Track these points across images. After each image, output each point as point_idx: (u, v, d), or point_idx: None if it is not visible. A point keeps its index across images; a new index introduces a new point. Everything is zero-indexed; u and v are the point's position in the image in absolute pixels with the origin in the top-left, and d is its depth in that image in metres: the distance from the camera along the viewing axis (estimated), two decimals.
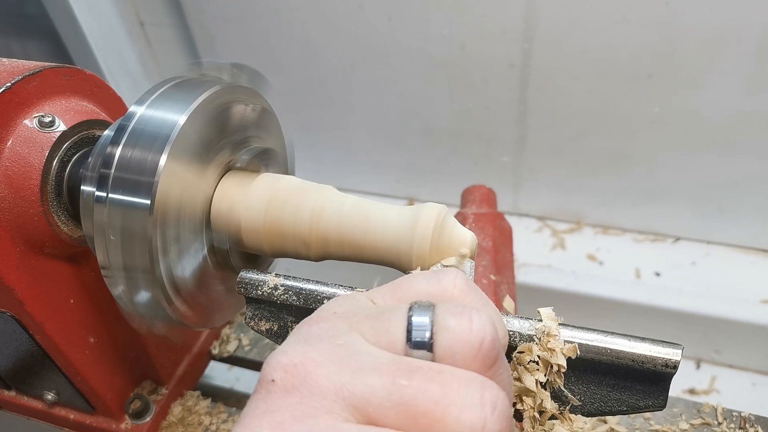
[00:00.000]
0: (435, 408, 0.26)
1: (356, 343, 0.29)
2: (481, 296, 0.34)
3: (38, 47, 1.37)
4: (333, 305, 0.33)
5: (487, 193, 0.90)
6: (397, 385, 0.26)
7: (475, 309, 0.29)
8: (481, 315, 0.29)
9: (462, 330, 0.28)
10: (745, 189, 1.07)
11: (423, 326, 0.29)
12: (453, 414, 0.26)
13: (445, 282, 0.33)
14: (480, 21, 1.03)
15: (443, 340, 0.28)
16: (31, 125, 0.51)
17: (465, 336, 0.28)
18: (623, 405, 0.39)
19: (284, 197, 0.48)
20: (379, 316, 0.30)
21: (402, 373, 0.27)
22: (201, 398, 0.73)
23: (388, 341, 0.29)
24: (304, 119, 1.32)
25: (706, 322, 1.05)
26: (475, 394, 0.26)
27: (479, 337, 0.28)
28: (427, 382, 0.26)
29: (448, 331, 0.28)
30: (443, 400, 0.26)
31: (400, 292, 0.33)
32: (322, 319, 0.32)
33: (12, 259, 0.51)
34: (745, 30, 0.90)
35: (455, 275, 0.33)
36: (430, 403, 0.26)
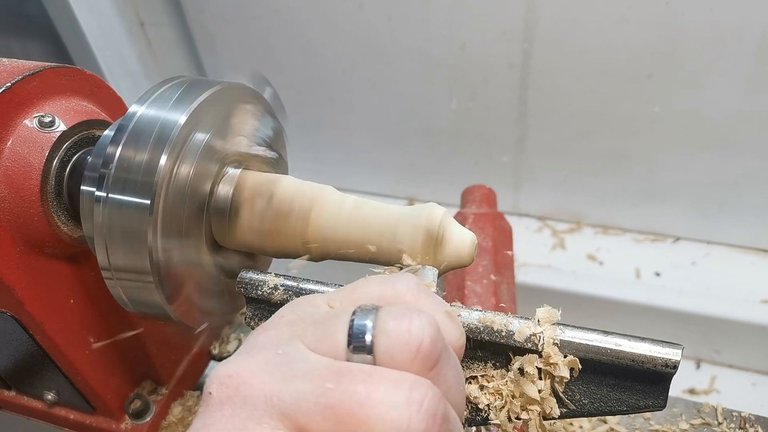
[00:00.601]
0: (360, 409, 0.26)
1: (296, 350, 0.29)
2: (433, 299, 0.34)
3: (38, 47, 1.37)
4: (286, 310, 0.34)
5: (487, 193, 0.90)
6: (323, 389, 0.27)
7: (417, 311, 0.29)
8: (421, 317, 0.29)
9: (401, 332, 0.28)
10: (745, 189, 1.07)
11: (363, 329, 0.29)
12: (378, 414, 0.26)
13: (398, 286, 0.33)
14: (480, 21, 1.03)
15: (382, 343, 0.28)
16: (31, 125, 0.51)
17: (404, 338, 0.28)
18: (623, 405, 0.39)
19: (284, 197, 0.48)
20: (325, 321, 0.31)
21: (331, 377, 0.27)
22: (201, 398, 0.73)
23: (330, 346, 0.29)
24: (304, 119, 1.32)
25: (706, 322, 1.05)
26: (402, 393, 0.26)
27: (418, 339, 0.28)
28: (354, 385, 0.27)
29: (387, 334, 0.28)
30: (368, 401, 0.26)
31: (355, 296, 0.33)
32: (271, 326, 0.32)
33: (12, 259, 0.51)
34: (745, 30, 0.90)
35: (408, 279, 0.34)
36: (355, 405, 0.26)
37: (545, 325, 0.39)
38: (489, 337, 0.40)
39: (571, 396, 0.40)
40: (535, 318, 0.40)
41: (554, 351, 0.38)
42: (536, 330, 0.39)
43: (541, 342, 0.39)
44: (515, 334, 0.39)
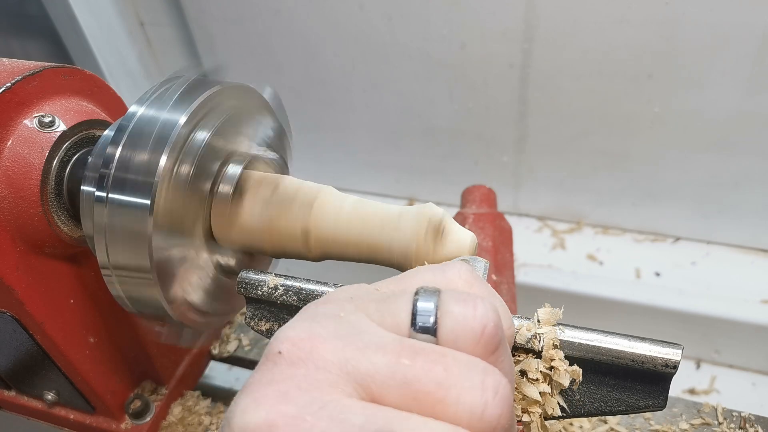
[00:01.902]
0: (437, 389, 0.26)
1: (362, 322, 0.29)
2: (486, 287, 0.34)
3: (38, 47, 1.37)
4: (340, 291, 0.33)
5: (487, 193, 0.90)
6: (401, 365, 0.26)
7: (479, 297, 0.29)
8: (485, 302, 0.29)
9: (466, 316, 0.28)
10: (745, 189, 1.07)
11: (428, 311, 0.29)
12: (454, 395, 0.26)
13: (450, 273, 0.33)
14: (480, 21, 1.03)
15: (447, 324, 0.28)
16: (31, 125, 0.51)
17: (468, 322, 0.28)
18: (623, 405, 0.39)
19: (284, 197, 0.48)
20: (385, 299, 0.31)
21: (406, 354, 0.27)
22: (201, 398, 0.73)
23: (393, 323, 0.29)
24: (304, 119, 1.31)
25: (706, 322, 1.05)
26: (477, 377, 0.27)
27: (482, 324, 0.28)
28: (430, 364, 0.27)
29: (452, 316, 0.28)
30: (446, 381, 0.26)
31: (405, 283, 0.33)
32: (330, 300, 0.32)
33: (12, 259, 0.51)
34: (745, 30, 0.90)
35: (460, 267, 0.34)
36: (432, 383, 0.26)
37: (545, 327, 0.39)
38: None
39: (571, 396, 0.40)
40: (535, 318, 0.40)
41: (559, 355, 0.38)
42: (537, 330, 0.39)
43: (541, 343, 0.39)
44: (515, 334, 0.39)
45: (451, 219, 0.45)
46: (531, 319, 0.40)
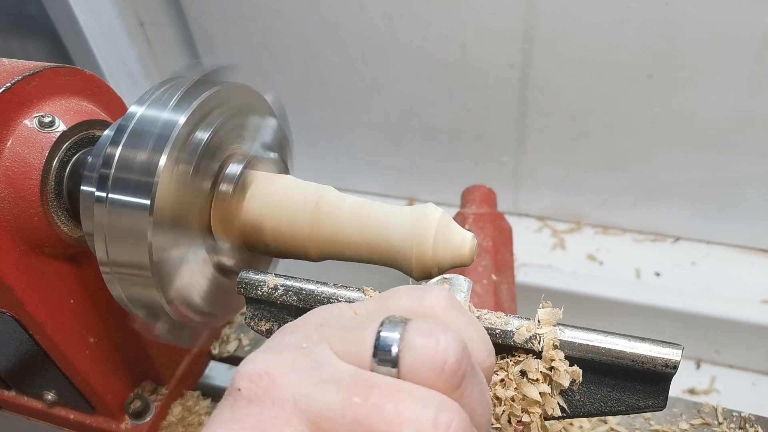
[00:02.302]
0: (387, 428, 0.26)
1: (324, 355, 0.29)
2: (464, 316, 0.33)
3: (38, 47, 1.37)
4: (312, 314, 0.33)
5: (487, 193, 0.90)
6: (352, 403, 0.27)
7: (445, 328, 0.29)
8: (448, 335, 0.28)
9: (427, 348, 0.28)
10: (745, 189, 1.07)
11: (390, 342, 0.29)
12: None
13: (428, 300, 0.33)
14: (480, 21, 1.03)
15: (408, 357, 0.28)
16: (31, 125, 0.51)
17: (430, 354, 0.28)
18: (623, 405, 0.39)
19: (284, 197, 0.48)
20: (352, 328, 0.31)
21: (359, 390, 0.27)
22: (201, 398, 0.73)
23: (356, 354, 0.29)
24: (304, 119, 1.31)
25: (706, 322, 1.05)
26: (429, 414, 0.26)
27: (443, 357, 0.28)
28: (382, 401, 0.27)
29: (414, 349, 0.28)
30: (395, 419, 0.26)
31: (384, 306, 0.33)
32: (297, 327, 0.32)
33: (12, 259, 0.51)
34: (745, 30, 0.90)
35: (440, 293, 0.33)
36: (382, 423, 0.26)
37: (545, 327, 0.39)
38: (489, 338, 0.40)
39: (571, 396, 0.40)
40: (535, 318, 0.40)
41: (559, 356, 0.38)
42: (537, 331, 0.39)
43: (541, 343, 0.39)
44: (515, 334, 0.39)
45: (450, 219, 0.45)
46: (531, 319, 0.40)
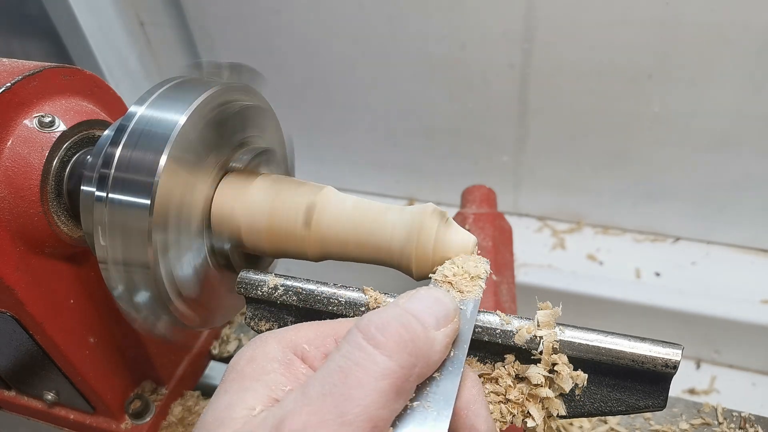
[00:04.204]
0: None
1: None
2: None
3: (38, 47, 1.37)
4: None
5: (487, 193, 0.90)
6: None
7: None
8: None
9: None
10: (745, 189, 1.07)
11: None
12: None
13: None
14: (480, 21, 1.03)
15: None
16: (31, 125, 0.51)
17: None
18: (623, 405, 0.39)
19: (284, 197, 0.48)
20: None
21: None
22: (201, 398, 0.73)
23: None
24: (304, 119, 1.31)
25: (706, 322, 1.05)
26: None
27: None
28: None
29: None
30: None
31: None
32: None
33: (12, 259, 0.51)
34: (745, 30, 0.90)
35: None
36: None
37: (545, 329, 0.39)
38: (489, 338, 0.40)
39: (571, 396, 0.40)
40: (535, 320, 0.40)
41: (563, 360, 0.38)
42: (537, 332, 0.39)
43: (540, 346, 0.39)
44: (515, 335, 0.40)
45: (451, 220, 0.45)
46: (531, 319, 0.40)
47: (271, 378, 0.34)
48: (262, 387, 0.33)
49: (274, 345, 0.36)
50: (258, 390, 0.33)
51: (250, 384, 0.33)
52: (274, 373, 0.34)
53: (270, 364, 0.35)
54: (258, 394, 0.33)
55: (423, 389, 0.33)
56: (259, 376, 0.34)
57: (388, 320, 0.32)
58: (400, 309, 0.34)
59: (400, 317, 0.33)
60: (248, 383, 0.34)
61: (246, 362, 0.35)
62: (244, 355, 0.36)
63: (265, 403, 0.32)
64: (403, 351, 0.31)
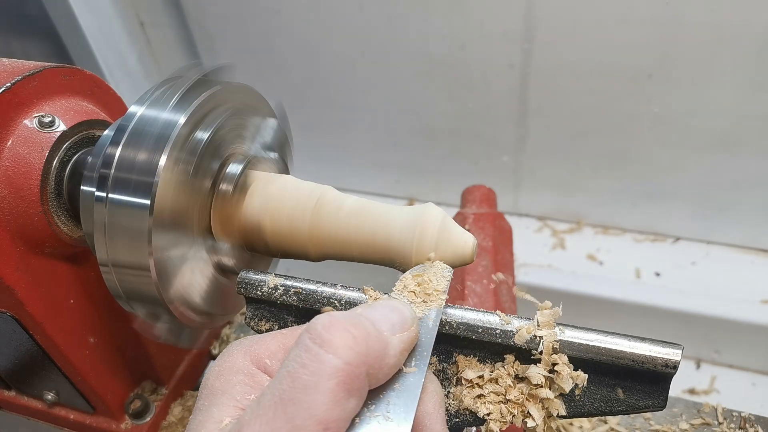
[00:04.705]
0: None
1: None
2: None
3: (38, 47, 1.37)
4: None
5: (487, 193, 0.90)
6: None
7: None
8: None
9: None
10: (745, 189, 1.07)
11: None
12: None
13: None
14: (480, 21, 1.03)
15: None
16: (31, 125, 0.51)
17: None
18: (623, 405, 0.39)
19: (284, 197, 0.48)
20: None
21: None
22: None
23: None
24: (304, 119, 1.31)
25: (706, 322, 1.05)
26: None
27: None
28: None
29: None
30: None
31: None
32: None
33: (12, 259, 0.51)
34: (745, 30, 0.90)
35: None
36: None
37: (545, 329, 0.39)
38: (489, 338, 0.40)
39: (571, 396, 0.40)
40: (535, 320, 0.40)
41: (563, 360, 0.38)
42: (537, 333, 0.39)
43: (541, 345, 0.39)
44: (516, 336, 0.39)
45: (451, 220, 0.45)
46: (531, 319, 0.40)
47: (237, 390, 0.34)
48: (228, 399, 0.33)
49: (239, 357, 0.36)
50: (225, 403, 0.33)
51: (219, 398, 0.34)
52: (240, 384, 0.34)
53: (236, 376, 0.35)
54: (225, 407, 0.33)
55: (383, 399, 0.33)
56: (226, 390, 0.34)
57: (336, 319, 0.31)
58: (354, 312, 0.34)
59: (351, 317, 0.32)
60: (217, 398, 0.34)
61: (215, 377, 0.35)
62: (213, 371, 0.36)
63: (232, 414, 0.33)
64: (350, 348, 0.30)
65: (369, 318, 0.33)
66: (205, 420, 0.33)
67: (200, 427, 0.33)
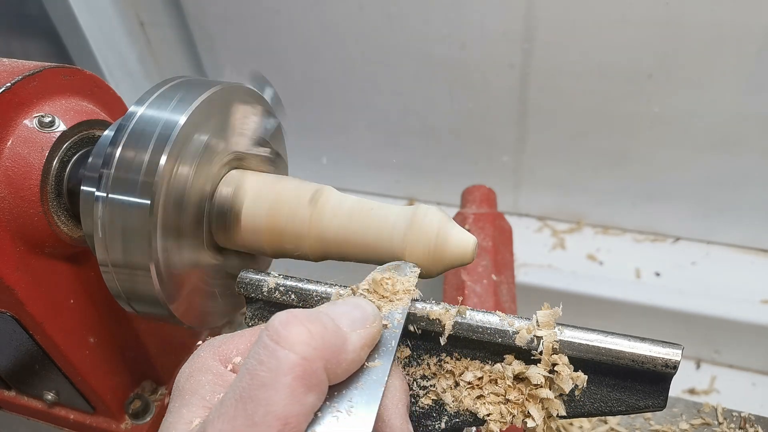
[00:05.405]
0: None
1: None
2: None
3: (38, 47, 1.37)
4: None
5: (487, 193, 0.90)
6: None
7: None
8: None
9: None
10: (745, 189, 1.07)
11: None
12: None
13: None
14: (480, 21, 1.03)
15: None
16: (31, 125, 0.51)
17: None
18: (623, 405, 0.39)
19: (284, 197, 0.48)
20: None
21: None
22: None
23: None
24: (304, 119, 1.31)
25: (706, 322, 1.05)
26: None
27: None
28: None
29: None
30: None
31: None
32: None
33: (12, 259, 0.51)
34: (745, 30, 0.90)
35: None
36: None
37: (545, 329, 0.39)
38: (489, 338, 0.40)
39: (571, 396, 0.40)
40: (534, 320, 0.40)
41: (563, 360, 0.38)
42: (537, 333, 0.39)
43: (541, 345, 0.39)
44: (516, 336, 0.39)
45: (450, 220, 0.45)
46: (530, 319, 0.40)
47: (206, 389, 0.34)
48: (198, 400, 0.34)
49: (208, 357, 0.36)
50: (195, 403, 0.34)
51: (189, 399, 0.34)
52: (209, 384, 0.34)
53: (204, 376, 0.35)
54: (194, 408, 0.33)
55: (345, 395, 0.33)
56: (196, 390, 0.34)
57: (294, 316, 0.31)
58: (314, 310, 0.34)
59: (309, 314, 0.32)
60: (187, 398, 0.34)
61: (185, 379, 0.35)
62: (183, 373, 0.36)
63: (201, 415, 0.33)
64: (306, 343, 0.30)
65: (329, 314, 0.33)
66: (176, 421, 0.33)
67: (170, 429, 0.33)
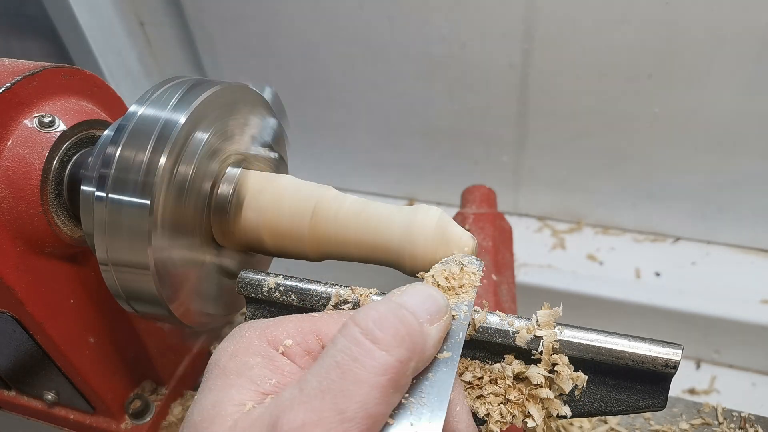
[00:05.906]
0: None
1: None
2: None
3: (38, 47, 1.37)
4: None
5: (487, 193, 0.90)
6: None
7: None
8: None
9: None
10: (745, 189, 1.07)
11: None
12: None
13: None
14: (480, 21, 1.03)
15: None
16: (31, 125, 0.51)
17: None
18: (623, 405, 0.39)
19: (284, 197, 0.48)
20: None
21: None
22: None
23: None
24: (304, 119, 1.31)
25: (706, 322, 1.05)
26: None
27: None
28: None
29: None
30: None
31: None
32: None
33: (12, 259, 0.51)
34: (745, 30, 0.90)
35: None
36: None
37: (545, 329, 0.39)
38: (489, 338, 0.40)
39: (571, 396, 0.40)
40: (534, 320, 0.40)
41: (563, 360, 0.38)
42: (537, 333, 0.39)
43: (541, 345, 0.39)
44: (516, 336, 0.39)
45: (450, 220, 0.45)
46: (530, 319, 0.40)
47: (255, 373, 0.34)
48: (247, 382, 0.33)
49: (255, 339, 0.36)
50: (244, 386, 0.33)
51: (236, 380, 0.33)
52: (258, 367, 0.34)
53: (252, 358, 0.35)
54: (245, 390, 0.33)
55: (417, 387, 0.33)
56: (243, 372, 0.34)
57: (385, 315, 0.32)
58: (394, 304, 0.34)
59: (396, 312, 0.33)
60: (233, 379, 0.34)
61: (228, 358, 0.35)
62: (226, 351, 0.36)
63: (254, 398, 0.32)
64: (401, 346, 0.31)
65: (410, 309, 0.33)
66: (222, 401, 0.33)
67: (217, 408, 0.32)
